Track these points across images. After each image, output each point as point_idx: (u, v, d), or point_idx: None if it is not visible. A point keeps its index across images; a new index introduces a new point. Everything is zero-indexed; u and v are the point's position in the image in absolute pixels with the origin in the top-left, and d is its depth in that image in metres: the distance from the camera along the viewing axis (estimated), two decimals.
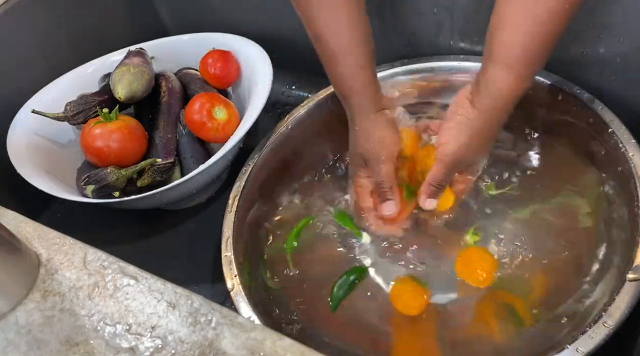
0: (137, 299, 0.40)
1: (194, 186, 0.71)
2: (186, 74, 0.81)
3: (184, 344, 0.37)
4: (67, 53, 0.81)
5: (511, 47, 0.50)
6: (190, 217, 0.78)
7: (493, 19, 0.51)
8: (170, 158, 0.71)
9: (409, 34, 0.75)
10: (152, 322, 0.39)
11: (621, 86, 0.65)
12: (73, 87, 0.77)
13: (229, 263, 0.59)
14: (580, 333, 0.47)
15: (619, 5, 0.59)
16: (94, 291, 0.41)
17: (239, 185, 0.66)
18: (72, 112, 0.72)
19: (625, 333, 0.48)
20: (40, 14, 0.78)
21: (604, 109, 0.61)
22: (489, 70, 0.51)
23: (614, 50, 0.63)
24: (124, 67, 0.74)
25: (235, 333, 0.37)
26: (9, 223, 0.46)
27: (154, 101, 0.76)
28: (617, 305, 0.48)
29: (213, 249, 0.68)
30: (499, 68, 0.51)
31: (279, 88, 0.89)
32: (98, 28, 0.86)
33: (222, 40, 0.81)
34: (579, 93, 0.63)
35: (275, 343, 0.36)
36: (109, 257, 0.43)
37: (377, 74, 0.60)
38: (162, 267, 0.47)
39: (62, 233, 0.45)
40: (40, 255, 0.44)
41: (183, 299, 0.39)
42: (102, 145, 0.68)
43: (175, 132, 0.74)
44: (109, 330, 0.39)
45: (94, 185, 0.67)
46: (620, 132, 0.59)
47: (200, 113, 0.70)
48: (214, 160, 0.66)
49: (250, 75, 0.77)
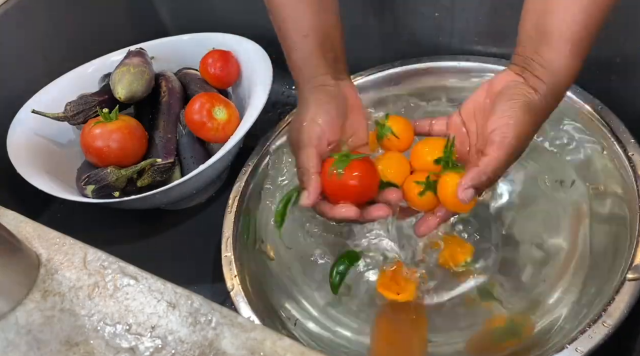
0: (137, 299, 0.40)
1: (194, 186, 0.71)
2: (186, 74, 0.81)
3: (184, 344, 0.37)
4: (67, 53, 0.81)
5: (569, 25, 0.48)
6: (190, 217, 0.78)
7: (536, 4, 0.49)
8: (170, 158, 0.71)
9: (409, 34, 0.75)
10: (152, 322, 0.39)
11: (621, 86, 0.65)
12: (73, 87, 0.77)
13: (229, 263, 0.60)
14: (580, 332, 0.47)
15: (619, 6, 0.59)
16: (94, 291, 0.41)
17: (239, 185, 0.66)
18: (72, 112, 0.72)
19: (625, 333, 0.48)
20: (40, 14, 0.78)
21: (603, 109, 0.61)
22: (544, 53, 0.49)
23: (614, 50, 0.63)
24: (124, 67, 0.74)
25: (235, 333, 0.37)
26: (9, 223, 0.46)
27: (154, 101, 0.76)
28: (616, 305, 0.48)
29: (213, 249, 0.68)
30: (555, 48, 0.48)
31: (279, 88, 0.89)
32: (98, 28, 0.86)
33: (222, 40, 0.81)
34: (579, 92, 0.63)
35: (275, 343, 0.36)
36: (109, 257, 0.43)
37: (377, 74, 0.58)
38: (162, 267, 0.47)
39: (62, 233, 0.45)
40: (40, 255, 0.44)
41: (183, 299, 0.39)
42: (102, 145, 0.69)
43: (175, 132, 0.74)
44: (109, 330, 0.39)
45: (94, 185, 0.67)
46: (620, 131, 0.59)
47: (200, 113, 0.70)
48: (214, 160, 0.66)
49: (250, 75, 0.77)
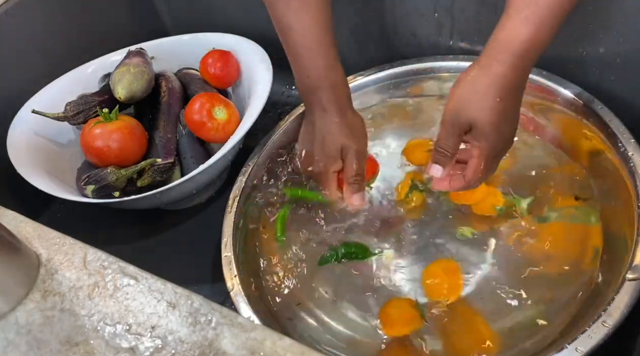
0: (137, 299, 0.40)
1: (194, 186, 0.71)
2: (186, 74, 0.81)
3: (184, 344, 0.37)
4: (67, 53, 0.81)
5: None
6: (190, 217, 0.78)
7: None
8: (170, 158, 0.71)
9: (409, 34, 0.75)
10: (152, 322, 0.39)
11: (621, 86, 0.65)
12: (73, 87, 0.77)
13: (229, 263, 0.60)
14: (580, 332, 0.47)
15: (619, 5, 0.59)
16: (94, 291, 0.41)
17: (239, 185, 0.66)
18: (72, 112, 0.72)
19: (625, 333, 0.48)
20: (40, 14, 0.78)
21: (603, 109, 0.61)
22: (507, 25, 0.50)
23: (614, 50, 0.63)
24: (124, 67, 0.74)
25: (235, 333, 0.37)
26: (9, 223, 0.46)
27: (154, 101, 0.76)
28: (616, 305, 0.48)
29: (213, 249, 0.68)
30: (518, 21, 0.49)
31: (279, 88, 0.89)
32: (98, 28, 0.86)
33: (222, 40, 0.81)
34: (579, 93, 0.63)
35: (275, 343, 0.36)
36: (109, 257, 0.43)
37: (377, 74, 0.60)
38: (162, 267, 0.47)
39: (62, 233, 0.45)
40: (40, 255, 0.44)
41: (183, 299, 0.40)
42: (102, 145, 0.69)
43: (175, 132, 0.74)
44: (109, 330, 0.39)
45: (94, 185, 0.67)
46: (620, 131, 0.59)
47: (200, 113, 0.70)
48: (214, 160, 0.66)
49: (250, 75, 0.77)
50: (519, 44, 0.49)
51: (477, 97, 0.51)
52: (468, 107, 0.51)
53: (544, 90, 0.66)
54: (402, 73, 0.74)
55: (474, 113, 0.51)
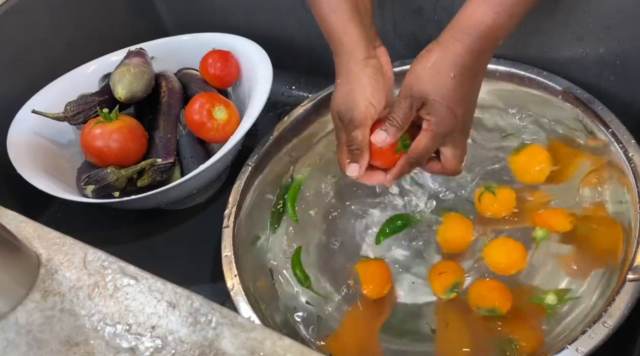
0: (137, 299, 0.40)
1: (194, 186, 0.71)
2: (186, 74, 0.81)
3: (184, 344, 0.37)
4: (67, 53, 0.81)
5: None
6: (190, 217, 0.78)
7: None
8: (170, 158, 0.71)
9: (409, 34, 0.75)
10: (152, 322, 0.39)
11: (621, 86, 0.65)
12: (73, 87, 0.77)
13: (229, 263, 0.60)
14: (580, 333, 0.47)
15: (619, 5, 0.59)
16: (94, 291, 0.41)
17: (239, 185, 0.66)
18: (72, 112, 0.72)
19: (625, 333, 0.48)
20: (40, 14, 0.78)
21: (603, 109, 0.61)
22: (469, 8, 0.51)
23: (614, 50, 0.63)
24: (124, 67, 0.74)
25: (235, 333, 0.37)
26: (9, 223, 0.46)
27: (154, 101, 0.76)
28: (617, 305, 0.48)
29: (213, 249, 0.68)
30: (479, 4, 0.50)
31: (279, 88, 0.89)
32: (98, 28, 0.86)
33: (222, 40, 0.81)
34: (579, 93, 0.63)
35: (275, 343, 0.36)
36: (109, 257, 0.43)
37: None
38: (162, 266, 0.47)
39: (62, 233, 0.45)
40: (40, 255, 0.44)
41: (183, 299, 0.39)
42: (102, 145, 0.69)
43: (175, 132, 0.74)
44: (109, 330, 0.39)
45: (94, 185, 0.67)
46: (620, 132, 0.59)
47: (200, 113, 0.70)
48: (214, 160, 0.66)
49: (250, 75, 0.77)
50: (478, 25, 0.50)
51: (431, 71, 0.52)
52: (421, 81, 0.52)
53: (544, 90, 0.66)
54: (402, 73, 0.73)
55: (426, 86, 0.52)
